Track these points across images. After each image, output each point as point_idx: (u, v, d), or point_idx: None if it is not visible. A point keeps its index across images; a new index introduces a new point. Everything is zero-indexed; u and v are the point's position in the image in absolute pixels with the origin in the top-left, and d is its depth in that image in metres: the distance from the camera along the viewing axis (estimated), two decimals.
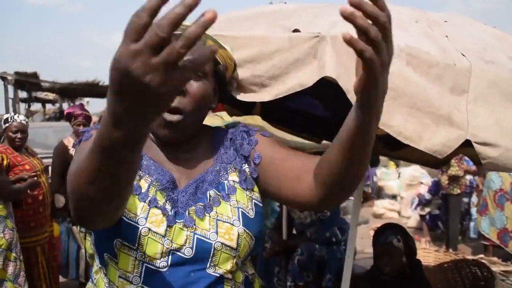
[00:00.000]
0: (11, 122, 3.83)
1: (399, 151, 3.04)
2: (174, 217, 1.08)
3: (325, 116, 3.00)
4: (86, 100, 18.94)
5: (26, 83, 14.83)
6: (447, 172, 6.41)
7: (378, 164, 4.82)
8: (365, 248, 5.02)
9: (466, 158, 6.22)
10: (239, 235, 1.10)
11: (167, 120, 1.11)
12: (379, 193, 9.95)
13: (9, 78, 13.54)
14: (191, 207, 1.11)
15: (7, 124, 3.83)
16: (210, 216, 1.11)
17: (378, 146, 3.04)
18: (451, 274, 3.71)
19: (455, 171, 6.37)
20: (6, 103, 13.51)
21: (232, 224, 1.11)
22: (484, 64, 1.50)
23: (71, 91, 17.04)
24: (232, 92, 1.31)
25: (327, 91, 1.60)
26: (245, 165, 1.21)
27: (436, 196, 7.18)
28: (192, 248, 1.07)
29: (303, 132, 3.28)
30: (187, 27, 0.58)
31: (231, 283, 1.12)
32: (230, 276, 1.12)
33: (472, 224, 6.71)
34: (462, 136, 1.37)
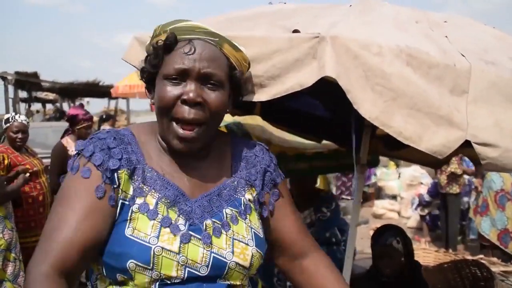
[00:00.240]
0: (12, 122, 3.84)
1: (399, 151, 3.04)
2: (188, 231, 1.07)
3: (325, 116, 3.00)
4: (86, 100, 18.95)
5: (26, 83, 14.85)
6: (446, 170, 6.40)
7: (378, 164, 4.81)
8: (364, 248, 5.01)
9: (465, 159, 6.22)
10: (253, 255, 1.12)
11: (181, 136, 1.10)
12: (379, 193, 9.95)
13: (9, 78, 13.54)
14: (207, 221, 1.10)
15: (8, 124, 3.84)
16: (227, 234, 1.11)
17: (378, 146, 3.04)
18: (451, 274, 3.71)
19: (454, 168, 6.36)
20: (6, 103, 13.52)
21: (247, 244, 1.12)
22: (484, 64, 1.50)
23: (71, 91, 17.06)
24: (245, 95, 1.30)
25: (327, 91, 1.60)
26: (262, 191, 1.23)
27: (436, 198, 7.18)
28: (208, 266, 1.07)
29: (303, 132, 3.28)
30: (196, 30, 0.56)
31: None
32: (238, 283, 1.14)
33: (472, 225, 6.71)
34: (462, 137, 1.37)
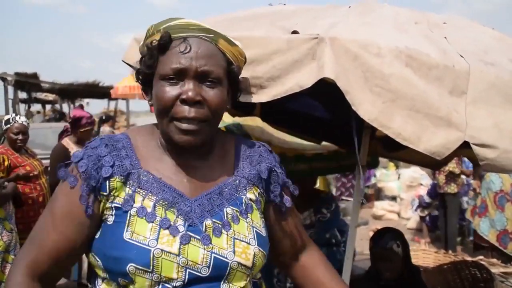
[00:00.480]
0: (12, 123, 3.83)
1: (398, 152, 3.05)
2: (187, 232, 1.06)
3: (324, 117, 3.00)
4: (86, 101, 18.94)
5: (26, 83, 14.83)
6: (444, 169, 6.39)
7: (378, 165, 4.81)
8: (364, 249, 5.01)
9: (465, 160, 6.22)
10: (255, 254, 1.11)
11: (183, 129, 1.08)
12: (379, 194, 9.94)
13: (9, 78, 13.53)
14: (207, 221, 1.09)
15: (9, 125, 3.83)
16: (228, 234, 1.10)
17: (377, 147, 3.04)
18: (450, 275, 3.71)
19: (452, 167, 6.36)
20: (6, 104, 13.51)
21: (249, 243, 1.11)
22: (483, 65, 1.50)
23: (71, 92, 17.04)
24: (243, 91, 1.30)
25: (327, 92, 1.60)
26: (265, 190, 1.23)
27: (435, 199, 7.17)
28: (209, 267, 1.06)
29: (303, 133, 3.28)
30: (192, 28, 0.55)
31: None
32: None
33: (471, 226, 6.71)
34: (460, 138, 1.37)
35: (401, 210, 8.95)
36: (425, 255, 4.79)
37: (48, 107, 19.38)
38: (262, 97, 1.45)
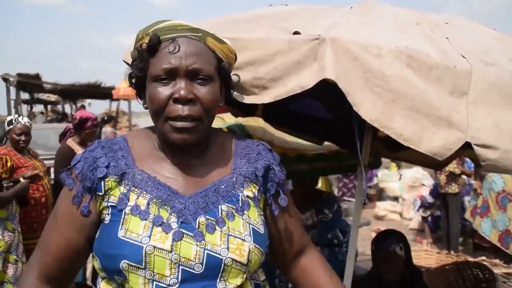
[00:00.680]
0: (15, 124, 3.83)
1: (400, 152, 3.05)
2: (180, 229, 1.07)
3: (326, 117, 3.01)
4: (88, 102, 18.97)
5: (28, 84, 14.86)
6: (445, 170, 6.39)
7: (380, 165, 4.81)
8: (366, 250, 5.01)
9: (467, 160, 6.21)
10: (250, 251, 1.10)
11: (178, 127, 1.10)
12: (381, 194, 9.94)
13: (11, 79, 13.56)
14: (201, 218, 1.09)
15: (11, 126, 3.83)
16: (222, 231, 1.10)
17: (379, 147, 3.04)
18: (453, 276, 3.70)
19: (452, 168, 6.35)
20: (8, 105, 13.53)
21: (244, 240, 1.11)
22: (484, 66, 1.50)
23: (72, 93, 17.07)
24: (235, 87, 1.30)
25: (328, 93, 1.61)
26: (266, 188, 1.22)
27: (437, 199, 7.17)
28: (202, 263, 1.06)
29: (305, 134, 3.29)
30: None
31: None
32: None
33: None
34: (461, 138, 1.37)
35: (403, 211, 8.94)
36: (427, 255, 4.79)
37: (50, 107, 19.42)
38: (265, 98, 1.45)
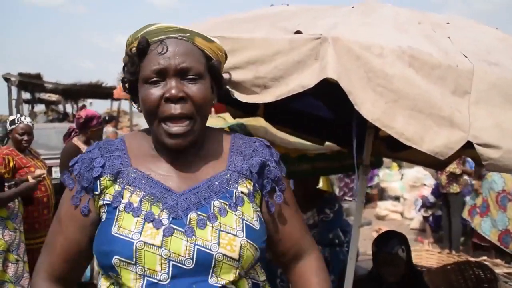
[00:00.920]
0: (18, 124, 3.82)
1: (401, 152, 3.04)
2: (171, 225, 1.08)
3: (327, 117, 3.00)
4: (89, 102, 18.97)
5: (30, 84, 14.87)
6: (445, 170, 6.38)
7: (381, 165, 4.81)
8: (367, 249, 5.01)
9: (469, 160, 6.20)
10: (242, 246, 1.10)
11: (172, 133, 1.11)
12: (382, 194, 9.93)
13: (12, 79, 13.57)
14: (192, 214, 1.10)
15: (14, 126, 3.81)
16: (213, 226, 1.10)
17: (381, 147, 3.04)
18: (454, 276, 3.70)
19: (453, 168, 6.35)
20: (10, 104, 13.55)
21: (235, 235, 1.11)
22: (486, 65, 1.50)
23: (74, 93, 17.09)
24: (227, 85, 1.31)
25: (330, 92, 1.61)
26: (262, 185, 1.21)
27: (439, 198, 7.16)
28: (192, 259, 1.07)
29: (306, 133, 3.28)
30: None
31: None
32: (233, 286, 1.12)
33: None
34: (463, 138, 1.37)
35: (404, 210, 8.93)
36: (428, 255, 4.79)
37: (50, 107, 19.45)
38: (267, 97, 1.45)
